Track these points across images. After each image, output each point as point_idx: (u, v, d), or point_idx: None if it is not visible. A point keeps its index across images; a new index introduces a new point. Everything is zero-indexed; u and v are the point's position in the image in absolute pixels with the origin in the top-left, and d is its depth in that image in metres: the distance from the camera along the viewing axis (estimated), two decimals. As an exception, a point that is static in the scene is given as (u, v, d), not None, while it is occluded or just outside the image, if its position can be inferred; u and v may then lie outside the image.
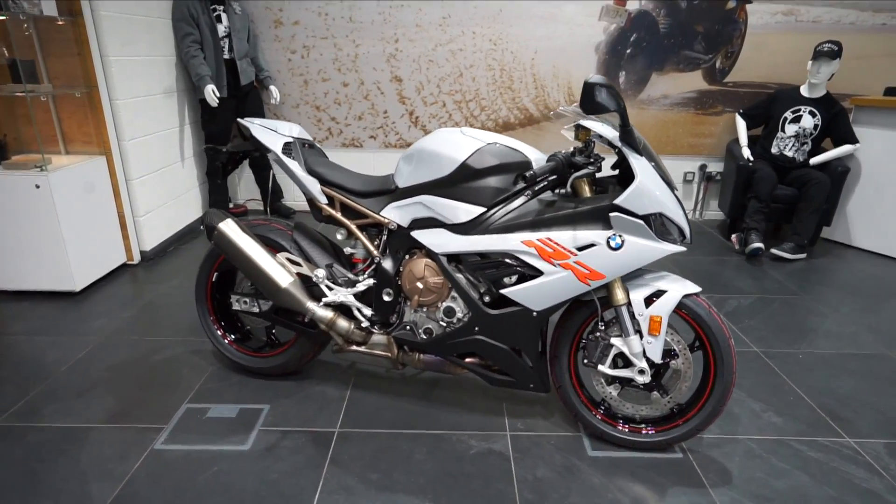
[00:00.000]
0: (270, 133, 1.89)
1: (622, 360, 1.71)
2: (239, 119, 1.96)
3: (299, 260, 1.90)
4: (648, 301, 1.63)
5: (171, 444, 1.77)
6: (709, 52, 4.00)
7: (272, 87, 3.92)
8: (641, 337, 1.64)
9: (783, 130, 3.70)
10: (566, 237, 1.57)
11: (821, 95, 3.62)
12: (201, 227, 3.95)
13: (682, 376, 1.69)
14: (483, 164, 1.64)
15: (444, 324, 1.79)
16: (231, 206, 4.19)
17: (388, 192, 1.83)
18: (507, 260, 1.64)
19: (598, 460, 1.74)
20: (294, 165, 1.86)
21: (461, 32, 3.95)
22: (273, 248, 1.95)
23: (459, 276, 1.71)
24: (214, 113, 3.67)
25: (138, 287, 2.95)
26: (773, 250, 3.54)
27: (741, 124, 3.90)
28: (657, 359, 1.64)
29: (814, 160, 3.64)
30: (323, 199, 1.88)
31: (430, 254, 1.76)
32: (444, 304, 1.76)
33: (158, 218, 3.45)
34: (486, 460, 1.73)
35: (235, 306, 2.03)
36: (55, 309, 2.68)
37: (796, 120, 3.65)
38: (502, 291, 1.66)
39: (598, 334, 1.70)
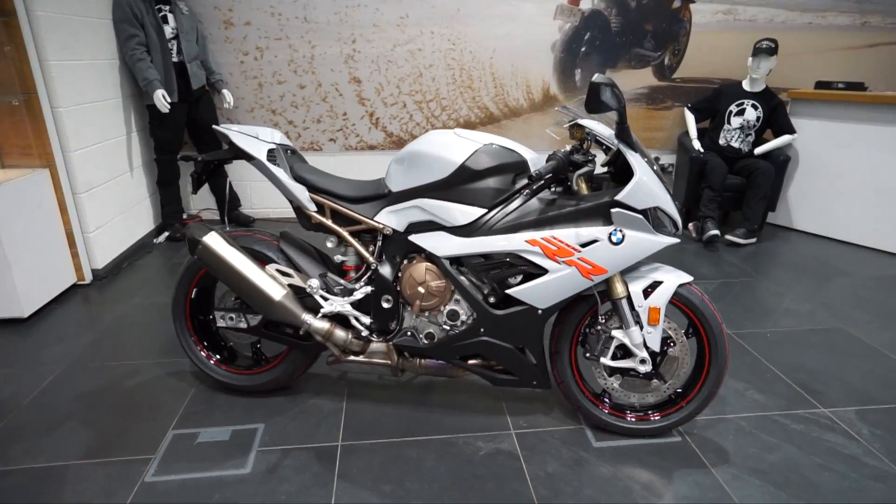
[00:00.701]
0: (251, 139, 1.81)
1: (622, 352, 1.75)
2: (216, 126, 1.86)
3: (290, 271, 1.83)
4: (646, 292, 1.68)
5: (163, 475, 1.66)
6: (657, 50, 4.17)
7: (225, 91, 3.75)
8: (641, 327, 1.69)
9: (729, 123, 3.91)
10: (569, 234, 1.60)
11: (761, 89, 3.85)
12: (175, 239, 3.74)
13: (679, 363, 1.75)
14: (482, 165, 1.64)
15: (447, 327, 1.78)
16: (184, 216, 3.98)
17: (381, 196, 1.79)
18: (512, 259, 1.65)
19: (604, 451, 1.78)
20: (280, 172, 1.79)
21: (419, 32, 3.93)
22: (260, 259, 1.87)
23: (462, 278, 1.70)
24: (164, 119, 3.48)
25: (94, 309, 2.75)
26: (728, 236, 3.74)
27: (690, 118, 4.09)
28: (656, 347, 1.70)
29: (758, 150, 3.87)
30: (312, 207, 1.82)
31: (431, 257, 1.74)
32: (448, 308, 1.75)
33: (109, 233, 3.23)
34: (495, 461, 1.73)
35: (220, 323, 1.93)
36: (2, 338, 2.45)
37: (740, 113, 3.87)
38: (508, 291, 1.66)
39: (598, 328, 1.74)
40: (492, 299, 1.73)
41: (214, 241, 1.75)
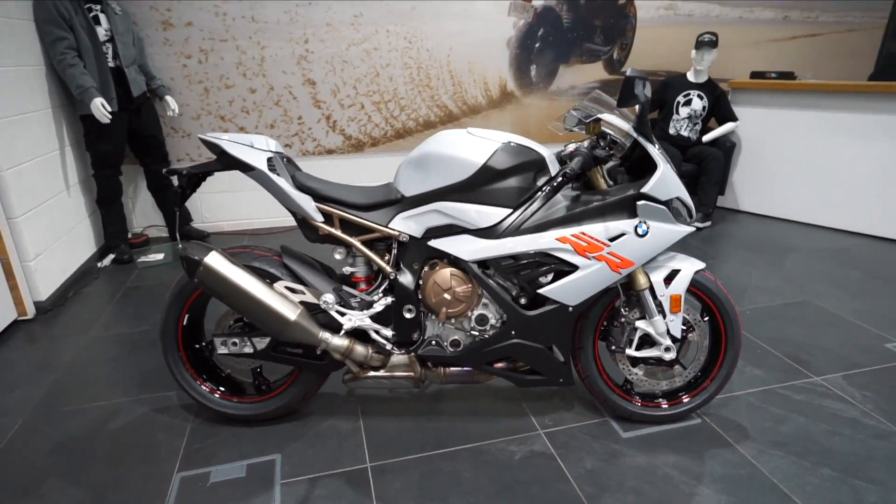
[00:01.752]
0: (247, 149, 1.67)
1: (645, 342, 1.77)
2: (202, 135, 1.69)
3: (299, 287, 1.70)
4: (667, 281, 1.71)
5: (181, 524, 1.50)
6: (607, 45, 4.30)
7: (168, 98, 3.47)
8: (664, 316, 1.72)
9: (677, 113, 4.10)
10: (598, 229, 1.59)
11: (705, 80, 4.07)
12: (179, 263, 3.40)
13: (699, 347, 1.80)
14: (504, 164, 1.60)
15: (475, 333, 1.72)
16: (129, 236, 3.66)
17: (394, 202, 1.71)
18: (540, 258, 1.62)
19: (633, 441, 1.80)
20: (282, 182, 1.66)
21: (375, 31, 3.82)
22: (265, 277, 1.73)
23: (491, 281, 1.66)
24: (103, 131, 3.17)
25: (45, 346, 2.46)
26: (686, 221, 3.93)
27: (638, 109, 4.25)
28: (678, 334, 1.73)
29: (705, 138, 4.09)
30: (319, 217, 1.70)
31: (454, 262, 1.68)
32: (476, 313, 1.70)
33: (50, 260, 2.90)
34: (533, 463, 1.70)
35: (221, 350, 1.77)
36: (-57, 389, 2.13)
37: (687, 103, 4.07)
38: (540, 291, 1.63)
39: (622, 320, 1.75)
40: (522, 300, 1.69)
41: (217, 261, 1.59)
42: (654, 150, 1.59)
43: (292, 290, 1.70)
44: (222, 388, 1.86)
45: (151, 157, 3.51)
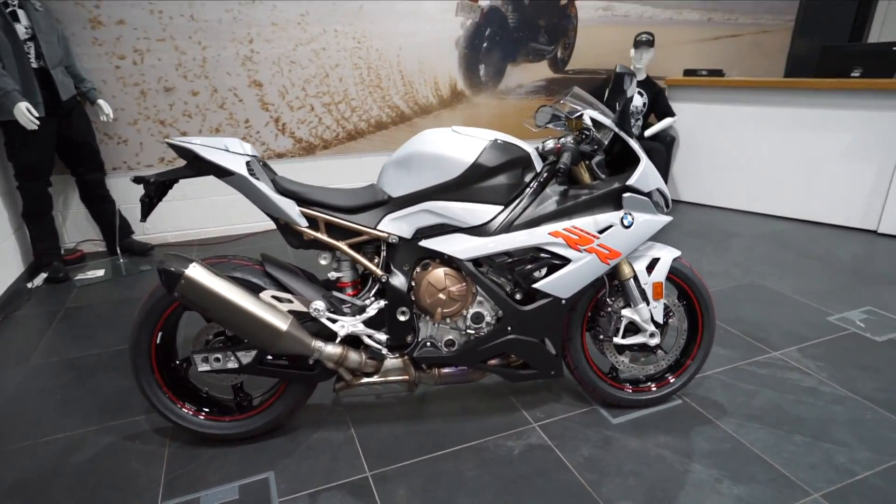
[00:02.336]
0: (223, 153, 1.57)
1: (628, 329, 1.83)
2: (170, 139, 1.58)
3: (286, 296, 1.63)
4: (648, 270, 1.78)
5: (175, 557, 1.39)
6: (551, 44, 4.42)
7: (101, 102, 3.22)
8: (648, 303, 1.79)
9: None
10: (588, 222, 1.63)
11: (644, 78, 4.27)
12: (160, 277, 3.10)
13: (678, 330, 1.89)
14: (494, 161, 1.60)
15: (471, 331, 1.72)
16: (62, 252, 3.36)
17: (381, 203, 1.67)
18: (533, 253, 1.64)
19: (623, 426, 1.86)
20: (263, 187, 1.58)
21: (322, 31, 3.73)
22: (249, 288, 1.64)
23: (486, 278, 1.66)
24: (29, 138, 2.90)
25: (-17, 377, 2.21)
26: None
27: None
28: (661, 320, 1.81)
29: (647, 133, 4.30)
30: (303, 222, 1.63)
31: (446, 261, 1.66)
32: (472, 311, 1.69)
33: (-24, 282, 2.62)
34: (533, 456, 1.72)
35: (202, 367, 1.66)
36: None
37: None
38: (536, 286, 1.65)
39: (608, 309, 1.80)
40: (518, 296, 1.71)
41: (199, 273, 1.49)
42: (636, 145, 1.65)
43: (279, 300, 1.62)
44: (206, 409, 1.74)
45: (85, 167, 3.25)
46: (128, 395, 2.06)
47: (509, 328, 1.69)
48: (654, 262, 1.79)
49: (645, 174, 1.64)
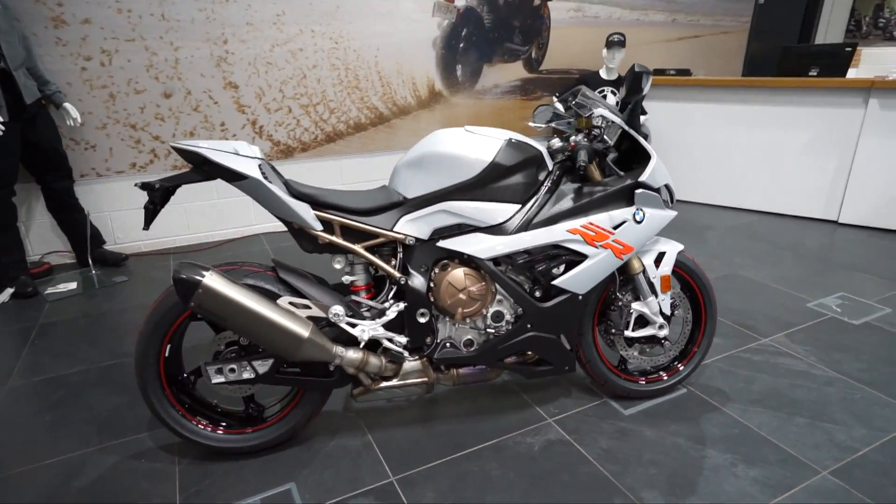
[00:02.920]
0: (234, 156, 1.52)
1: (637, 322, 1.88)
2: (176, 143, 1.52)
3: (304, 301, 1.59)
4: (656, 263, 1.83)
5: (205, 577, 1.34)
6: (525, 45, 4.48)
7: (68, 105, 3.06)
8: (656, 296, 1.84)
9: (594, 109, 4.38)
10: (604, 218, 1.66)
11: (616, 78, 4.38)
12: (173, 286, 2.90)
13: (683, 321, 1.95)
14: (511, 160, 1.61)
15: (492, 330, 1.72)
16: (28, 265, 3.17)
17: (396, 205, 1.65)
18: (551, 251, 1.66)
19: (636, 416, 1.90)
20: (277, 191, 1.54)
21: (299, 31, 3.65)
22: (265, 295, 1.59)
23: (506, 277, 1.67)
24: (-8, 145, 2.72)
25: (-41, 401, 2.06)
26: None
27: (559, 105, 4.48)
28: (668, 312, 1.86)
29: (621, 131, 4.41)
30: (318, 226, 1.60)
31: (465, 261, 1.66)
32: (492, 310, 1.69)
33: (-60, 300, 2.44)
34: (553, 451, 1.74)
35: (216, 379, 1.60)
36: None
37: (603, 99, 4.36)
38: (555, 282, 1.67)
39: (619, 303, 1.84)
40: (538, 293, 1.72)
41: (217, 281, 1.44)
42: (646, 142, 1.70)
43: (297, 306, 1.58)
44: (223, 423, 1.68)
45: (53, 174, 3.08)
46: (125, 412, 1.96)
47: (529, 325, 1.71)
48: (661, 255, 1.84)
49: (656, 170, 1.69)
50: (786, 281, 2.99)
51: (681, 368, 1.99)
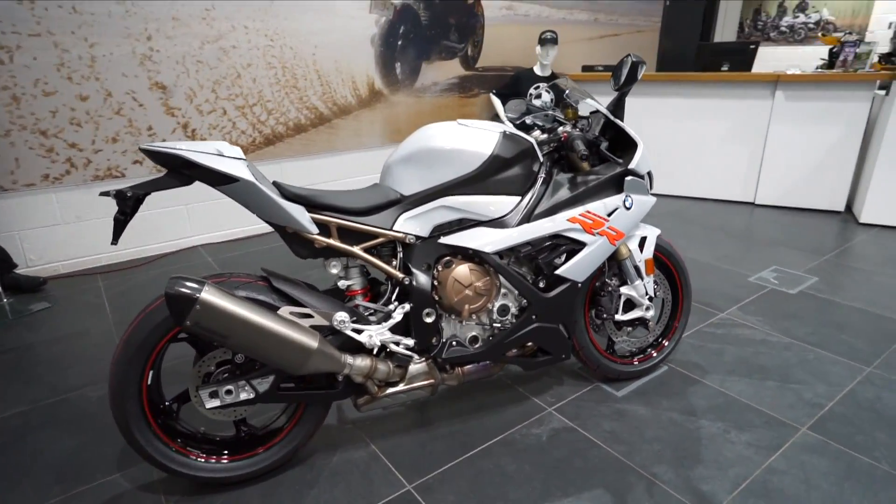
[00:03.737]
0: (219, 158, 1.39)
1: (625, 305, 1.95)
2: (149, 146, 1.36)
3: (306, 310, 1.49)
4: (640, 248, 1.90)
5: None
6: (461, 42, 4.50)
7: (-35, 111, 2.67)
8: (642, 280, 1.91)
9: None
10: (599, 206, 1.70)
11: (550, 74, 4.53)
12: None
13: (665, 303, 2.04)
14: (510, 152, 1.60)
15: (497, 324, 1.70)
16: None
17: (393, 203, 1.59)
18: (552, 241, 1.67)
19: (629, 397, 1.97)
20: (272, 193, 1.43)
21: (231, 27, 3.43)
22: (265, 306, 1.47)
23: (511, 269, 1.65)
24: None
25: None
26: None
27: (497, 102, 4.57)
28: (653, 294, 1.95)
29: (557, 125, 4.56)
30: (314, 229, 1.50)
31: (468, 256, 1.63)
32: (498, 304, 1.67)
33: None
34: (561, 439, 1.76)
35: (211, 403, 1.45)
36: None
37: (539, 96, 4.48)
38: (558, 272, 1.68)
39: (609, 289, 1.90)
40: (542, 284, 1.72)
41: (216, 295, 1.31)
42: (632, 130, 1.75)
43: (298, 316, 1.48)
44: (226, 451, 1.53)
45: (-50, 190, 2.67)
46: (85, 454, 1.74)
47: (534, 316, 1.71)
48: (643, 240, 1.91)
49: (643, 157, 1.75)
50: (726, 259, 3.23)
51: (666, 344, 2.08)
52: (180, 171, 1.38)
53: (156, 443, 1.46)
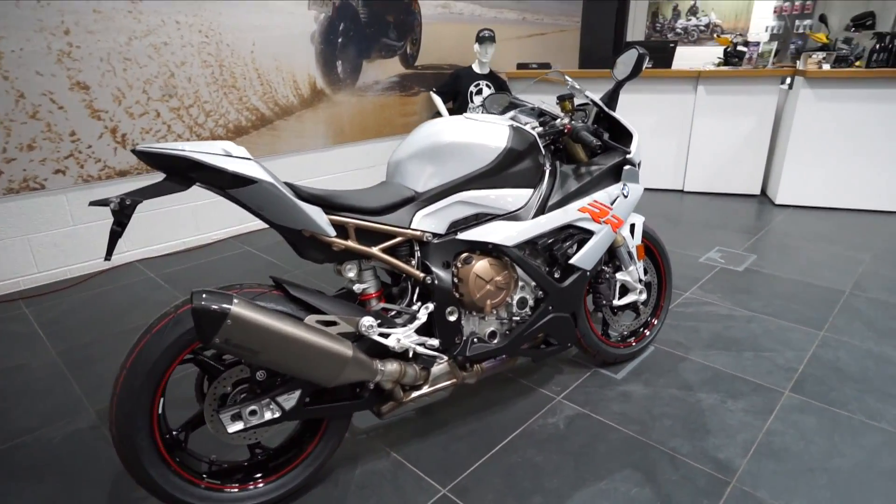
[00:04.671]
0: (230, 159, 1.27)
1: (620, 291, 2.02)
2: (149, 147, 1.21)
3: (332, 318, 1.40)
4: (631, 235, 1.98)
5: None
6: (400, 40, 4.45)
7: None
8: (635, 265, 1.99)
9: (472, 101, 4.54)
10: (603, 195, 1.75)
11: (488, 72, 4.60)
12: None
13: (653, 286, 2.14)
14: (521, 145, 1.61)
15: (517, 317, 1.69)
16: None
17: (408, 200, 1.54)
18: (564, 231, 1.69)
19: (628, 379, 2.04)
20: (291, 195, 1.33)
21: (161, 22, 3.15)
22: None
23: (530, 262, 1.65)
24: None
25: None
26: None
27: (438, 99, 4.57)
28: (644, 278, 2.04)
29: (499, 122, 4.64)
30: (332, 231, 1.42)
31: (487, 251, 1.61)
32: (516, 297, 1.67)
33: None
34: (578, 426, 1.79)
35: (234, 427, 1.32)
36: None
37: (479, 92, 4.54)
38: (571, 261, 1.70)
39: (606, 276, 1.96)
40: (557, 274, 1.73)
41: (247, 308, 1.19)
42: (626, 121, 1.82)
43: (324, 324, 1.38)
44: (258, 475, 1.40)
45: None
46: (62, 502, 1.52)
47: (550, 307, 1.72)
48: (632, 227, 1.99)
49: (638, 147, 1.83)
50: (674, 243, 3.45)
51: (656, 322, 2.19)
52: (184, 175, 1.25)
53: (174, 479, 1.31)
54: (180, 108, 3.33)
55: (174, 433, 1.38)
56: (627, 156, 1.80)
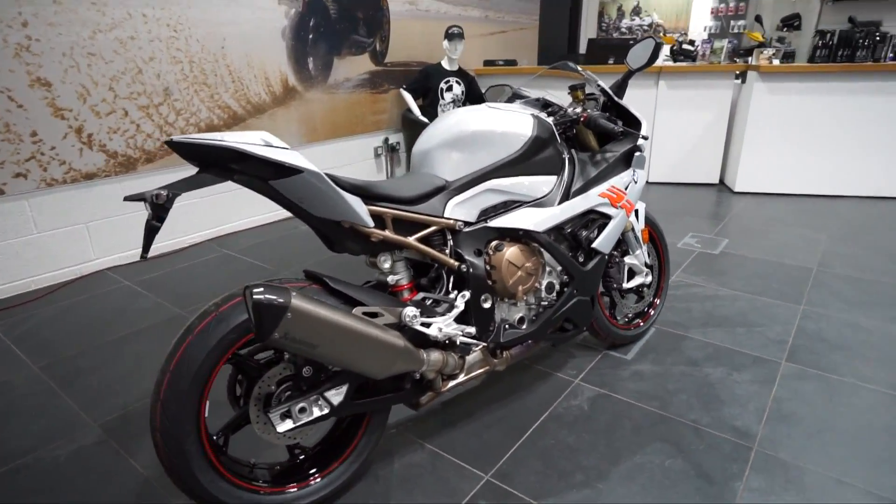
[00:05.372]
0: (273, 149, 1.23)
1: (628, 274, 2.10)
2: (181, 138, 1.16)
3: (376, 309, 1.38)
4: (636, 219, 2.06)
5: None
6: (370, 36, 4.40)
7: None
8: (641, 249, 2.07)
9: (443, 98, 4.56)
10: (618, 181, 1.80)
11: (458, 69, 4.62)
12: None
13: (654, 269, 2.23)
14: (545, 133, 1.64)
15: (545, 302, 1.72)
16: None
17: (439, 190, 1.54)
18: (586, 216, 1.74)
19: (637, 359, 2.12)
20: (334, 185, 1.30)
21: (127, 15, 2.98)
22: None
23: (559, 247, 1.69)
24: None
25: None
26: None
27: (408, 96, 4.55)
28: (649, 262, 2.12)
29: (470, 118, 4.68)
30: (371, 222, 1.40)
31: (515, 238, 1.63)
32: (545, 282, 1.69)
33: None
34: (601, 406, 1.84)
35: (284, 426, 1.28)
36: None
37: (449, 89, 4.57)
38: (594, 245, 1.75)
39: (616, 259, 2.02)
40: (581, 258, 1.77)
41: (306, 301, 1.16)
42: (634, 109, 1.88)
43: (371, 315, 1.36)
44: (314, 470, 1.37)
45: None
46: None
47: (575, 290, 1.76)
48: (636, 212, 2.07)
49: (645, 134, 1.90)
50: (650, 230, 3.59)
51: (658, 302, 2.28)
52: (224, 167, 1.20)
53: (221, 484, 1.25)
54: (149, 107, 3.17)
55: (214, 437, 1.32)
56: (638, 142, 1.87)
